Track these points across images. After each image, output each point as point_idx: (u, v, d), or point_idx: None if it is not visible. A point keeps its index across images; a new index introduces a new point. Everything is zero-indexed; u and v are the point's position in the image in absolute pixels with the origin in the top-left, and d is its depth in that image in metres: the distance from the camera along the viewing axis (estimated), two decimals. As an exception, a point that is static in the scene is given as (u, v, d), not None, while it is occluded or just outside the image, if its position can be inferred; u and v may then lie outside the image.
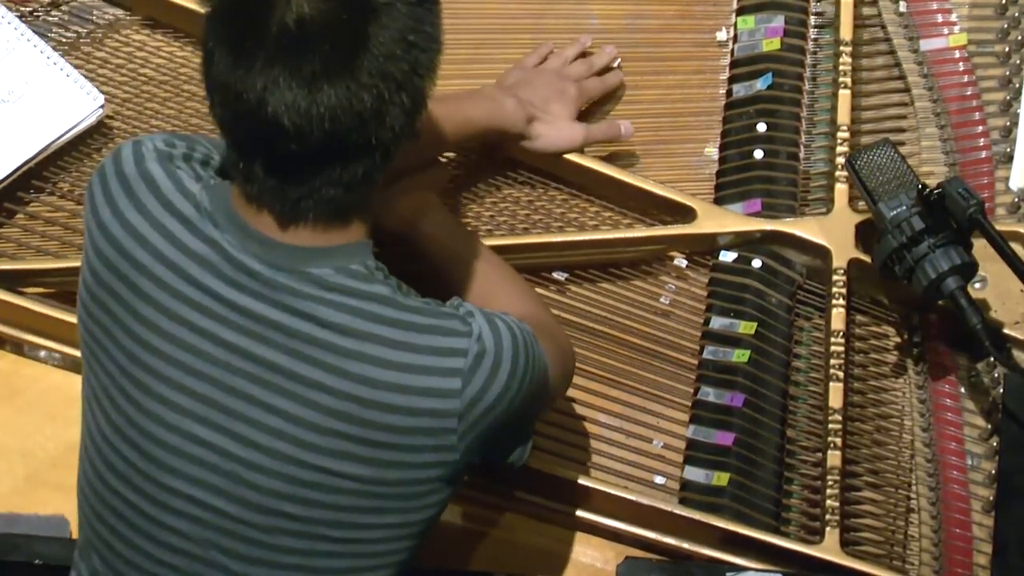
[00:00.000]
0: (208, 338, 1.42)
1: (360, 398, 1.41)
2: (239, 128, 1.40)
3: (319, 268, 1.42)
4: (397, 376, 1.42)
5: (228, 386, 1.42)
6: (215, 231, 1.43)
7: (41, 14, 2.04)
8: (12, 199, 1.92)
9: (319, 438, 1.42)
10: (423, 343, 1.43)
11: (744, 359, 1.89)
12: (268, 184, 1.40)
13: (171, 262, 1.43)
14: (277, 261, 1.42)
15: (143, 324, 1.44)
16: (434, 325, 1.44)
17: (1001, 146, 2.01)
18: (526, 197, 1.97)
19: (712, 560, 1.78)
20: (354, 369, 1.41)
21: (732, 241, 1.95)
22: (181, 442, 1.44)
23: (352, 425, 1.42)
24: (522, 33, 2.07)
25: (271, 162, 1.39)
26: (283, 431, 1.42)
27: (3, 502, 1.78)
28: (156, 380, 1.44)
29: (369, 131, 1.38)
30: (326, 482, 1.43)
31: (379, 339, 1.42)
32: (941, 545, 1.83)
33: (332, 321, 1.41)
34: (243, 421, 1.42)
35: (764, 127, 2.02)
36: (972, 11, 2.09)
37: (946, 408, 1.89)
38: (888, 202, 1.84)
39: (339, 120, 1.36)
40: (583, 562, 1.80)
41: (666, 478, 1.84)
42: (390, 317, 1.42)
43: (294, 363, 1.41)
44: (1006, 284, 1.91)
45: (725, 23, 2.10)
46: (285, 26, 1.35)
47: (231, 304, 1.42)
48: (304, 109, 1.35)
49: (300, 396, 1.42)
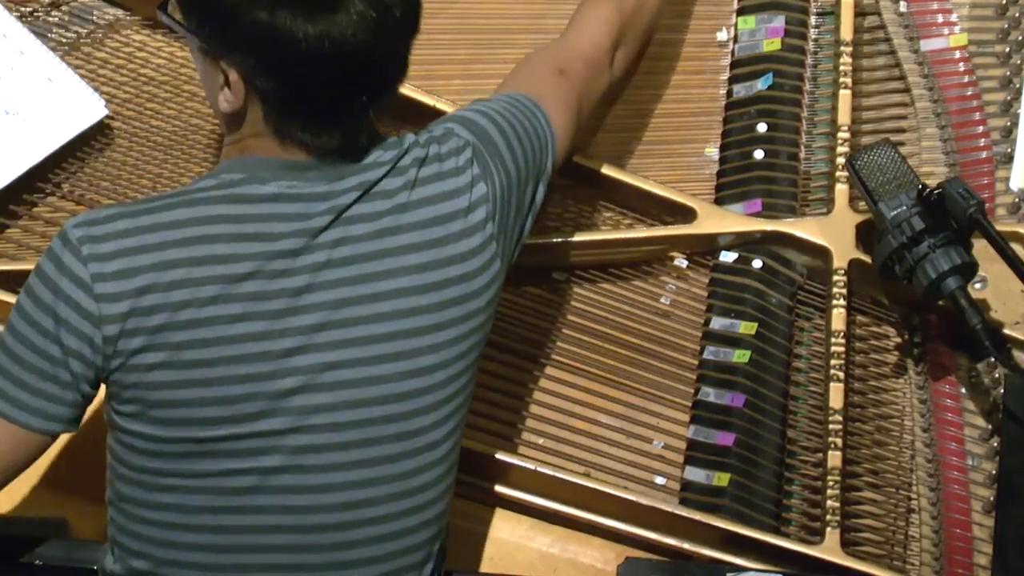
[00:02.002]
0: (309, 271, 1.46)
1: (439, 239, 1.50)
2: (305, 63, 1.44)
3: (370, 156, 1.51)
4: (450, 203, 1.52)
5: (336, 300, 1.46)
6: (266, 187, 1.47)
7: (41, 14, 2.04)
8: (12, 200, 1.92)
9: (423, 298, 1.49)
10: (450, 167, 1.54)
11: (744, 359, 1.89)
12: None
13: (249, 235, 1.45)
14: (336, 172, 1.48)
15: (246, 300, 1.44)
16: (448, 149, 1.55)
17: (1001, 146, 2.02)
18: (526, 197, 1.98)
19: (712, 560, 1.77)
20: (423, 216, 1.50)
21: (732, 241, 1.95)
22: (311, 379, 1.46)
23: (443, 268, 1.50)
24: (522, 33, 2.07)
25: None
26: (393, 310, 1.48)
27: (3, 502, 1.78)
28: (272, 340, 1.45)
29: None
30: (439, 340, 1.50)
31: (425, 179, 1.52)
32: (941, 545, 1.83)
33: (395, 187, 1.50)
34: (357, 324, 1.47)
35: (764, 127, 2.02)
36: (972, 11, 2.09)
37: (946, 408, 1.89)
38: (888, 202, 1.84)
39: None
40: (584, 562, 1.80)
41: (667, 478, 1.85)
42: (421, 156, 1.53)
43: (381, 242, 1.48)
44: (1006, 284, 1.91)
45: (726, 23, 2.11)
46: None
47: (315, 232, 1.46)
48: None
49: (395, 269, 1.48)
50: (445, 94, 1.99)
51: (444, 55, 2.05)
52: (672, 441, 1.87)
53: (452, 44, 2.06)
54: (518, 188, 1.60)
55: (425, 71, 2.01)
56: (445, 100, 1.98)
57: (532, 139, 1.63)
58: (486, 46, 2.07)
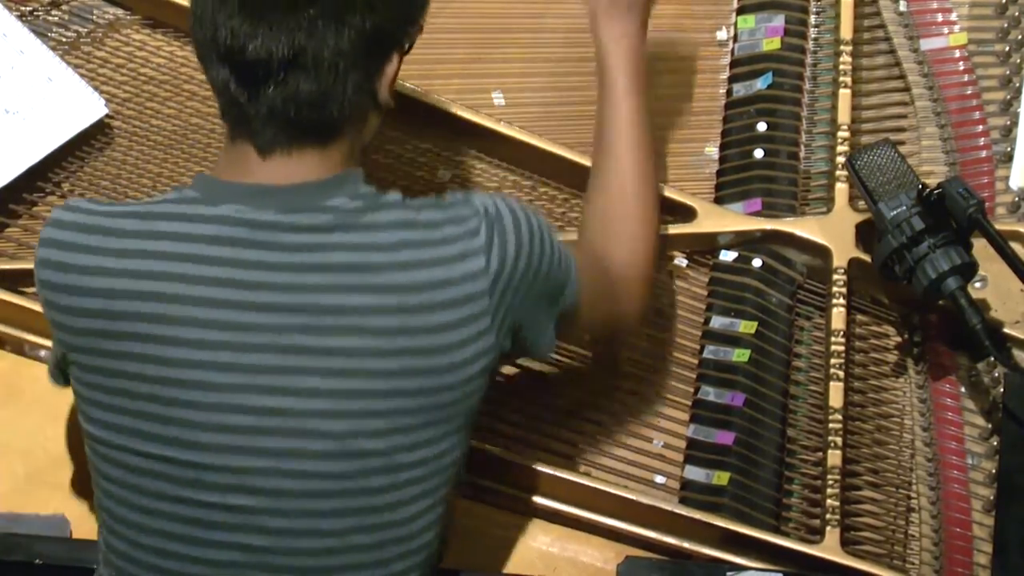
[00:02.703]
0: (248, 309, 1.42)
1: (406, 307, 1.44)
2: (215, 42, 1.45)
3: (333, 199, 1.45)
4: (431, 273, 1.45)
5: (280, 347, 1.42)
6: (215, 208, 1.45)
7: (41, 14, 2.04)
8: (12, 199, 1.92)
9: (380, 361, 1.43)
10: (444, 235, 1.47)
11: (744, 358, 1.89)
12: (241, 99, 1.45)
13: (183, 255, 1.43)
14: (291, 204, 1.44)
15: (177, 324, 1.42)
16: (449, 217, 1.48)
17: (1001, 145, 2.02)
18: (526, 197, 1.98)
19: (712, 559, 1.78)
20: (394, 280, 1.44)
21: (732, 240, 1.95)
22: (241, 419, 1.42)
23: (406, 337, 1.44)
24: (522, 33, 2.07)
25: (239, 74, 1.44)
26: (344, 368, 1.43)
27: (4, 502, 1.78)
28: (204, 371, 1.42)
29: (329, 49, 1.43)
30: (397, 405, 1.44)
31: (407, 244, 1.45)
32: (941, 544, 1.83)
33: (361, 243, 1.44)
34: (303, 374, 1.42)
35: (764, 126, 2.02)
36: (972, 10, 2.09)
37: (946, 408, 1.90)
38: (888, 202, 1.84)
39: (311, 34, 1.42)
40: (584, 561, 1.80)
41: (667, 477, 1.85)
42: (410, 220, 1.47)
43: (338, 297, 1.42)
44: (1006, 284, 1.91)
45: (725, 22, 2.11)
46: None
47: (257, 265, 1.42)
48: (278, 21, 1.42)
49: (354, 327, 1.43)
50: (444, 94, 1.99)
51: (443, 54, 2.05)
52: (672, 440, 1.87)
53: (451, 43, 2.06)
54: (529, 282, 1.51)
55: (424, 70, 2.01)
56: (445, 99, 1.98)
57: (554, 257, 1.55)
58: (485, 46, 2.07)
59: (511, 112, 2.02)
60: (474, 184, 1.98)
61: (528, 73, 2.05)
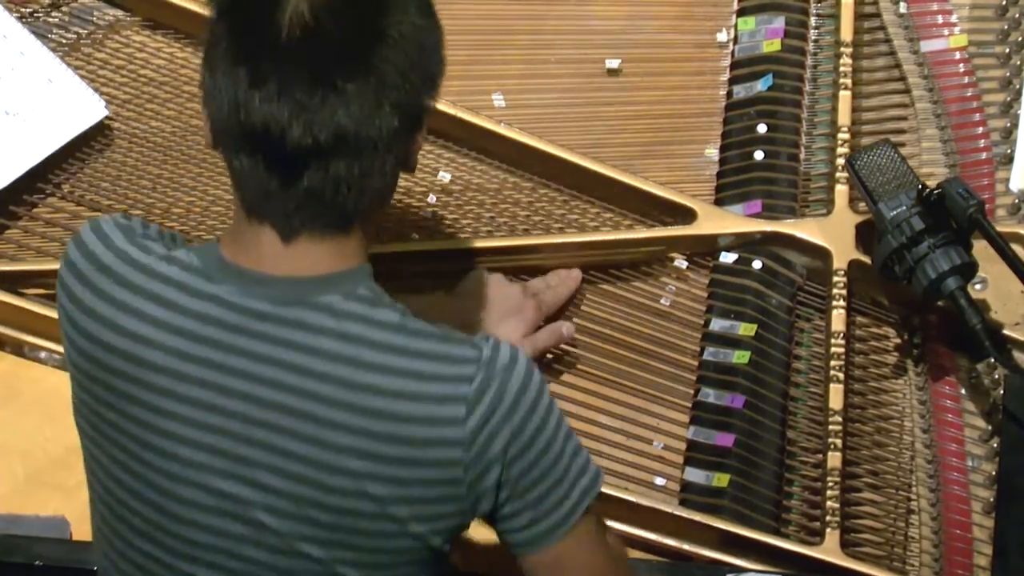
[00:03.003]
0: (223, 392, 1.40)
1: (375, 432, 1.38)
2: (245, 124, 1.36)
3: (327, 296, 1.39)
4: (408, 407, 1.38)
5: (245, 437, 1.40)
6: (211, 286, 1.41)
7: (41, 15, 2.04)
8: (13, 200, 1.92)
9: (338, 478, 1.39)
10: (431, 371, 1.39)
11: (744, 360, 1.89)
12: (270, 186, 1.38)
13: (175, 327, 1.40)
14: (284, 296, 1.39)
15: (156, 393, 1.41)
16: (443, 353, 1.40)
17: (1001, 147, 2.01)
18: (526, 198, 1.98)
19: (712, 561, 1.77)
20: (369, 403, 1.38)
21: (732, 242, 1.95)
22: (204, 497, 1.42)
23: (367, 461, 1.38)
24: (522, 34, 2.08)
25: (275, 159, 1.37)
26: (301, 474, 1.39)
27: (3, 503, 1.78)
28: (173, 442, 1.41)
29: (373, 131, 1.36)
30: (343, 523, 1.41)
31: (391, 370, 1.38)
32: (941, 546, 1.82)
33: (344, 355, 1.38)
34: (262, 468, 1.40)
35: (764, 128, 2.02)
36: (972, 12, 2.09)
37: (946, 409, 1.89)
38: (888, 202, 1.84)
39: (349, 118, 1.35)
40: (583, 563, 1.80)
41: (666, 479, 1.84)
42: (401, 345, 1.39)
43: (311, 404, 1.38)
44: (1006, 285, 1.90)
45: (725, 24, 2.11)
46: (298, 19, 1.34)
47: (242, 352, 1.39)
48: (315, 107, 1.34)
49: (315, 437, 1.38)
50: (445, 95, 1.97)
51: (444, 56, 2.05)
52: (672, 442, 1.87)
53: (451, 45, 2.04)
54: (515, 451, 1.41)
55: (425, 72, 2.01)
56: (445, 101, 1.98)
57: (563, 446, 1.45)
58: (486, 47, 2.07)
59: (511, 114, 2.02)
60: (473, 184, 1.97)
61: (528, 75, 2.05)
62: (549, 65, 2.07)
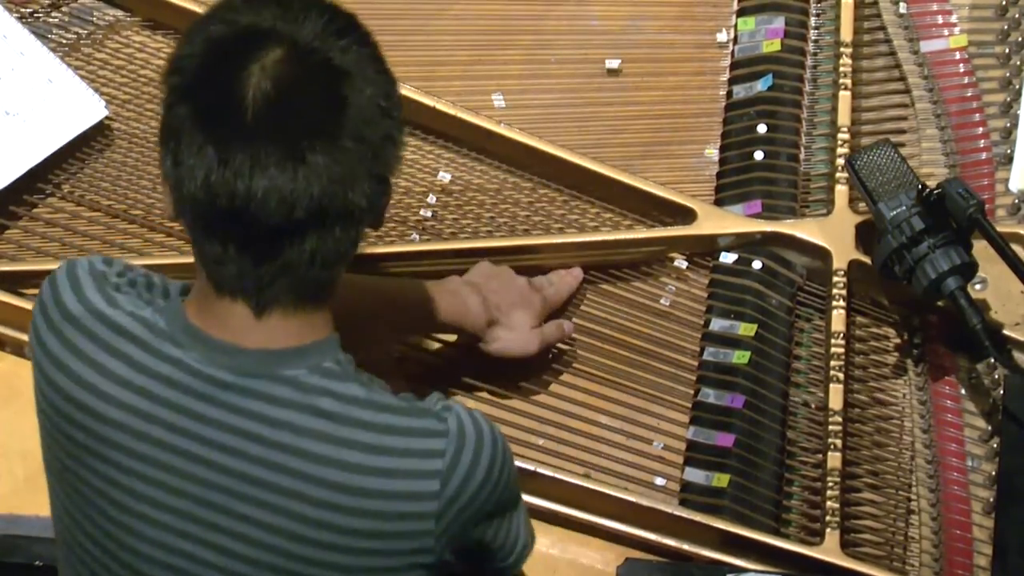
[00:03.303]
0: (182, 455, 1.39)
1: (339, 505, 1.37)
2: (214, 206, 1.33)
3: (293, 369, 1.38)
4: (375, 482, 1.37)
5: (206, 501, 1.39)
6: (176, 350, 1.39)
7: (41, 15, 2.04)
8: (13, 200, 1.92)
9: (298, 546, 1.38)
10: (401, 446, 1.38)
11: (744, 360, 1.89)
12: (242, 265, 1.35)
13: (137, 387, 1.39)
14: (248, 367, 1.38)
15: (116, 449, 1.40)
16: (411, 427, 1.40)
17: (1001, 148, 2.01)
18: (526, 198, 1.98)
19: (712, 561, 1.77)
20: (333, 477, 1.37)
21: (732, 242, 1.95)
22: (163, 555, 1.41)
23: (330, 532, 1.38)
24: (523, 34, 2.08)
25: (247, 239, 1.34)
26: (262, 540, 1.39)
27: (3, 503, 1.78)
28: (134, 499, 1.40)
29: (347, 199, 1.34)
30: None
31: (357, 445, 1.37)
32: (941, 546, 1.82)
33: (309, 428, 1.37)
34: (223, 533, 1.39)
35: (764, 128, 2.02)
36: (972, 12, 2.09)
37: (946, 409, 1.89)
38: (888, 202, 1.84)
39: (321, 188, 1.32)
40: (584, 563, 1.80)
41: (666, 479, 1.84)
42: (367, 421, 1.38)
43: (271, 474, 1.37)
44: (1006, 285, 1.91)
45: (725, 24, 2.11)
46: (262, 94, 1.31)
47: (203, 419, 1.38)
48: (287, 179, 1.31)
49: (278, 506, 1.38)
50: (445, 95, 2.00)
51: (444, 56, 2.05)
52: (672, 442, 1.87)
53: (452, 45, 2.07)
54: (485, 506, 1.43)
55: (425, 72, 2.02)
56: (445, 101, 1.98)
57: (512, 487, 1.47)
58: (486, 48, 2.07)
59: (511, 114, 2.02)
60: (474, 184, 1.98)
61: (528, 75, 2.06)
62: (549, 65, 2.07)
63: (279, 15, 1.35)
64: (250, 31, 1.35)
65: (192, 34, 1.37)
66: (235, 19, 1.36)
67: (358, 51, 1.36)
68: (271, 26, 1.35)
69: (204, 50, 1.35)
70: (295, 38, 1.34)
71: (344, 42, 1.36)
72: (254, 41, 1.34)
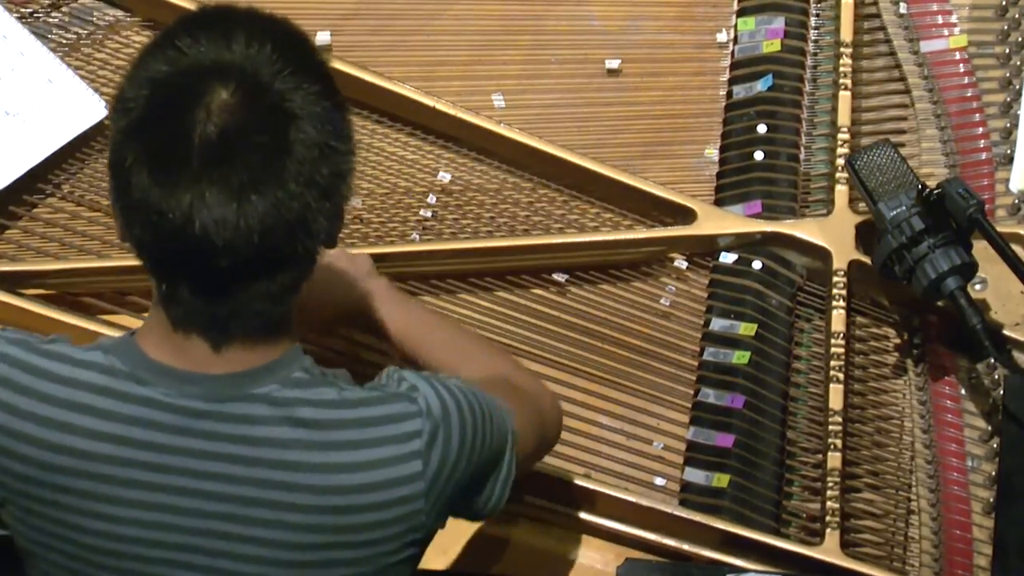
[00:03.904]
0: (167, 491, 1.37)
1: (332, 507, 1.38)
2: (163, 248, 1.32)
3: (264, 387, 1.37)
4: (363, 476, 1.38)
5: (203, 531, 1.38)
6: (143, 389, 1.37)
7: (41, 15, 2.04)
8: (12, 200, 1.92)
9: (299, 554, 1.39)
10: (381, 435, 1.39)
11: (744, 361, 1.89)
12: (195, 305, 1.34)
13: (108, 435, 1.37)
14: (220, 392, 1.37)
15: (98, 500, 1.38)
16: (387, 414, 1.40)
17: (1001, 148, 2.02)
18: (526, 198, 1.98)
19: (712, 562, 1.77)
20: (321, 482, 1.37)
21: (732, 243, 1.95)
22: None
23: (328, 534, 1.38)
24: (522, 34, 2.08)
25: (198, 281, 1.33)
26: (263, 557, 1.39)
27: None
28: (127, 544, 1.38)
29: (296, 240, 1.33)
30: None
31: (339, 445, 1.38)
32: (941, 546, 1.83)
33: (290, 439, 1.37)
34: (224, 557, 1.39)
35: (764, 128, 2.02)
36: (972, 13, 2.09)
37: (946, 409, 1.89)
38: (888, 202, 1.84)
39: (269, 231, 1.30)
40: (584, 564, 1.80)
41: (666, 479, 1.84)
42: (345, 419, 1.39)
43: (261, 491, 1.37)
44: (1006, 285, 1.91)
45: (725, 24, 2.11)
46: (207, 138, 1.29)
47: (184, 451, 1.37)
48: (233, 222, 1.29)
49: (273, 520, 1.38)
50: (445, 95, 2.00)
51: (444, 56, 2.05)
52: (672, 442, 1.87)
53: (452, 45, 2.07)
54: (468, 472, 1.44)
55: (425, 72, 2.02)
56: (445, 101, 1.98)
57: (494, 436, 1.47)
58: (486, 48, 2.07)
59: (511, 114, 2.02)
60: (474, 185, 1.98)
61: (528, 75, 2.06)
62: (549, 65, 2.07)
63: (224, 47, 1.33)
64: (194, 70, 1.32)
65: (137, 72, 1.35)
66: (177, 57, 1.33)
67: (307, 89, 1.33)
68: (216, 61, 1.32)
69: (149, 92, 1.33)
70: (242, 75, 1.31)
71: (293, 80, 1.32)
72: (199, 81, 1.31)
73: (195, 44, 1.33)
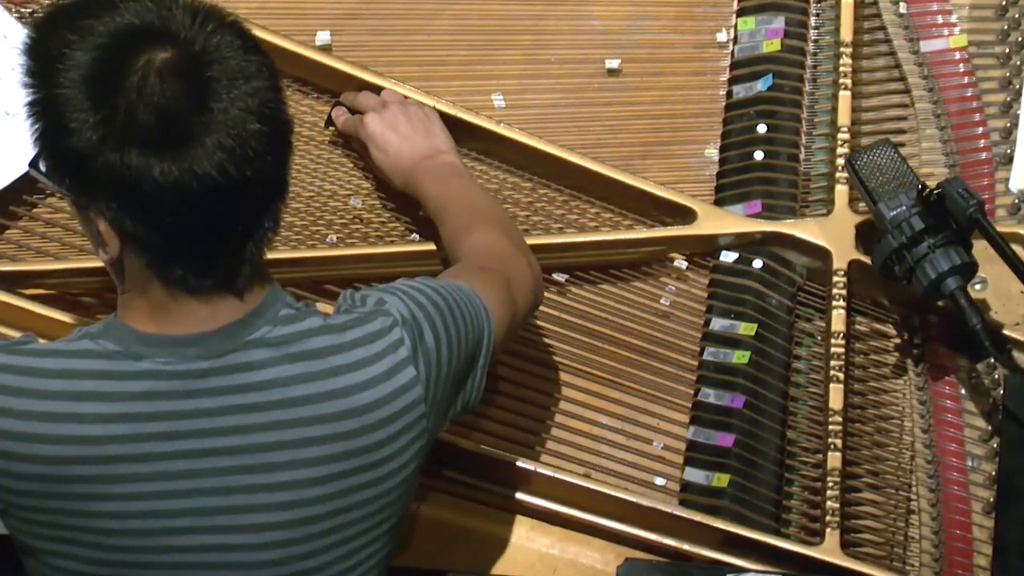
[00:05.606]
0: (189, 457, 1.39)
1: (346, 432, 1.42)
2: (168, 202, 1.35)
3: (258, 331, 1.41)
4: (368, 395, 1.43)
5: (223, 488, 1.40)
6: (142, 363, 1.40)
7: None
8: (13, 200, 1.92)
9: (325, 487, 1.42)
10: (372, 352, 1.44)
11: (744, 360, 1.89)
12: (191, 262, 1.39)
13: (117, 415, 1.39)
14: (219, 347, 1.40)
15: (118, 482, 1.39)
16: (371, 332, 1.45)
17: (1001, 147, 2.02)
18: (526, 198, 1.98)
19: (712, 561, 1.77)
20: (331, 409, 1.42)
21: (732, 242, 1.95)
22: (193, 557, 1.41)
23: (348, 460, 1.42)
24: (523, 34, 2.08)
25: (204, 230, 1.38)
26: (290, 501, 1.41)
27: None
28: (152, 519, 1.40)
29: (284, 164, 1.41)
30: (338, 523, 1.44)
31: (339, 370, 1.42)
32: (941, 546, 1.83)
33: (294, 375, 1.41)
34: (248, 512, 1.41)
35: (764, 128, 2.02)
36: (972, 12, 2.09)
37: (946, 409, 1.89)
38: (888, 202, 1.84)
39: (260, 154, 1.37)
40: (584, 563, 1.80)
41: (666, 479, 1.84)
42: (338, 344, 1.43)
43: (277, 434, 1.40)
44: (1006, 285, 1.91)
45: (725, 24, 2.11)
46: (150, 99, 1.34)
47: (195, 413, 1.39)
48: (233, 144, 1.34)
49: (294, 461, 1.41)
50: (445, 95, 1.99)
51: (444, 56, 2.05)
52: (672, 442, 1.87)
53: (452, 45, 2.06)
54: (455, 365, 1.51)
55: (425, 72, 2.02)
56: (445, 101, 1.98)
57: (469, 317, 1.54)
58: (486, 48, 2.07)
59: (511, 114, 2.02)
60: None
61: (528, 75, 2.05)
62: (549, 65, 2.07)
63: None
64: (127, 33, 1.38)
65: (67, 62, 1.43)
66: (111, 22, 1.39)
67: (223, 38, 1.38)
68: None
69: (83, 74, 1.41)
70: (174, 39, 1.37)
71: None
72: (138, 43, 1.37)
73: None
